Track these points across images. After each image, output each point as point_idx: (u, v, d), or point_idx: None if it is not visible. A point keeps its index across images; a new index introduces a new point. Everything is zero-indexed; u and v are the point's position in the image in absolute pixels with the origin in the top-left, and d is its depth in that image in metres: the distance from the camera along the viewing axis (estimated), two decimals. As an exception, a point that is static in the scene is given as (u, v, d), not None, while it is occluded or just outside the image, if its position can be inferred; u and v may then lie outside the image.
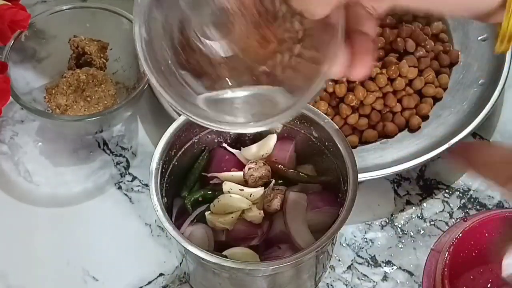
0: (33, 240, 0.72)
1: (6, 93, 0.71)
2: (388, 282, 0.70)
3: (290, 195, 0.63)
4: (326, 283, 0.69)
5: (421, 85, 0.78)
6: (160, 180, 0.61)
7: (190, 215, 0.64)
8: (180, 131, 0.64)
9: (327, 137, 0.64)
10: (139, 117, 0.80)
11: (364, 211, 0.73)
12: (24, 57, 0.78)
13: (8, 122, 0.80)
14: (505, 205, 0.74)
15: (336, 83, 0.77)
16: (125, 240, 0.72)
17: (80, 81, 0.77)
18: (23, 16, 0.73)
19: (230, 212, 0.63)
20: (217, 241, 0.64)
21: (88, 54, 0.78)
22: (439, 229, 0.72)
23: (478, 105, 0.75)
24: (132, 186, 0.76)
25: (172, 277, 0.70)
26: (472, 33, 0.81)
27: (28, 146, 0.78)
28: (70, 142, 0.78)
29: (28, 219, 0.74)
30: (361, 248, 0.71)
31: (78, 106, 0.76)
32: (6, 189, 0.76)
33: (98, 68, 0.78)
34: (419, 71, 0.78)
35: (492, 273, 0.66)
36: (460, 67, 0.80)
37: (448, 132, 0.74)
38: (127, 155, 0.78)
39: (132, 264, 0.71)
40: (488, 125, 0.78)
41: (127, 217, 0.74)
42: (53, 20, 0.78)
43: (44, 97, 0.77)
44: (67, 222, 0.73)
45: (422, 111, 0.77)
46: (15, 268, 0.71)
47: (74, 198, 0.75)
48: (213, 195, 0.64)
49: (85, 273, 0.70)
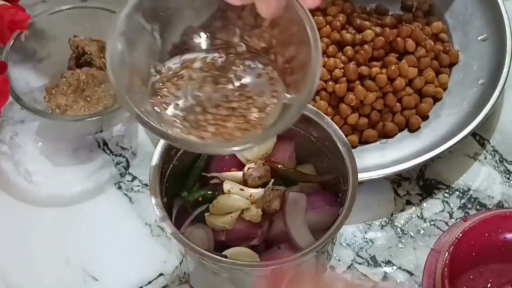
0: (33, 240, 0.72)
1: (5, 93, 0.71)
2: (388, 282, 0.70)
3: (289, 195, 0.63)
4: (326, 283, 0.69)
5: (421, 85, 0.78)
6: (160, 180, 0.61)
7: (190, 215, 0.64)
8: (180, 131, 0.64)
9: (327, 137, 0.64)
10: (139, 117, 0.80)
11: (364, 211, 0.73)
12: (24, 57, 0.77)
13: (8, 122, 0.80)
14: (505, 205, 0.74)
15: (336, 83, 0.77)
16: (125, 240, 0.72)
17: (80, 81, 0.77)
18: (22, 17, 0.73)
19: (229, 212, 0.63)
20: (217, 241, 0.64)
21: (88, 54, 0.78)
22: (439, 229, 0.72)
23: (478, 105, 0.75)
24: (132, 186, 0.76)
25: (172, 277, 0.70)
26: (472, 33, 0.81)
27: (28, 146, 0.78)
28: (70, 142, 0.78)
29: (28, 219, 0.74)
30: (361, 248, 0.71)
31: (78, 106, 0.76)
32: (6, 189, 0.76)
33: (98, 68, 0.78)
34: (419, 71, 0.78)
35: (492, 273, 0.66)
36: (460, 67, 0.80)
37: (448, 132, 0.74)
38: (127, 155, 0.78)
39: (132, 264, 0.71)
40: (488, 125, 0.79)
41: (127, 217, 0.74)
42: (53, 20, 0.78)
43: (44, 97, 0.77)
44: (67, 222, 0.73)
45: (422, 111, 0.77)
46: (15, 268, 0.71)
47: (74, 198, 0.75)
48: (213, 195, 0.64)
49: (85, 273, 0.70)
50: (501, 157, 0.77)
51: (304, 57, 0.48)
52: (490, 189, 0.75)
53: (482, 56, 0.80)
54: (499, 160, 0.77)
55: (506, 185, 0.75)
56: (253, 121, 0.51)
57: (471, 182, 0.76)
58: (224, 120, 0.51)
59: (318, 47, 0.48)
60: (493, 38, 0.80)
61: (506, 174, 0.76)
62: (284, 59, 0.51)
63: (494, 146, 0.78)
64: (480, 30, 0.81)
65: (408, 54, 0.79)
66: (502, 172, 0.76)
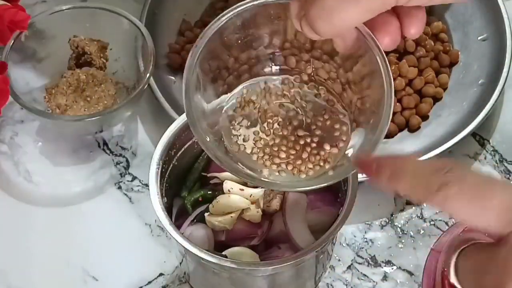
0: (33, 240, 0.72)
1: (5, 93, 0.71)
2: (388, 282, 0.70)
3: (289, 195, 0.63)
4: (326, 283, 0.69)
5: (421, 85, 0.78)
6: (160, 180, 0.61)
7: (190, 215, 0.64)
8: (180, 131, 0.64)
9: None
10: (139, 117, 0.80)
11: (364, 211, 0.73)
12: (24, 57, 0.77)
13: (8, 122, 0.80)
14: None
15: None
16: (125, 240, 0.72)
17: (80, 81, 0.77)
18: (22, 17, 0.73)
19: (229, 212, 0.63)
20: (217, 241, 0.64)
21: (88, 54, 0.78)
22: (439, 229, 0.72)
23: (478, 105, 0.75)
24: (132, 186, 0.76)
25: (172, 277, 0.70)
26: (472, 33, 0.81)
27: (28, 146, 0.78)
28: (70, 142, 0.78)
29: (28, 219, 0.74)
30: (361, 248, 0.71)
31: (78, 106, 0.76)
32: (6, 189, 0.76)
33: (98, 68, 0.78)
34: (419, 71, 0.78)
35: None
36: (460, 67, 0.80)
37: (448, 132, 0.74)
38: (127, 155, 0.78)
39: (132, 264, 0.71)
40: (488, 125, 0.78)
41: (127, 217, 0.74)
42: (53, 20, 0.77)
43: (44, 97, 0.77)
44: (67, 222, 0.73)
45: (422, 111, 0.77)
46: (15, 268, 0.71)
47: (74, 198, 0.75)
48: (213, 195, 0.64)
49: (85, 273, 0.70)
50: (501, 157, 0.77)
51: (376, 97, 0.48)
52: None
53: (482, 56, 0.80)
54: (499, 160, 0.77)
55: (506, 185, 0.75)
56: (324, 155, 0.51)
57: (471, 182, 0.75)
58: (296, 148, 0.51)
59: (391, 90, 0.47)
60: (493, 38, 0.80)
61: (506, 174, 0.76)
62: (355, 98, 0.51)
63: (494, 146, 0.78)
64: (480, 30, 0.81)
65: (408, 54, 0.79)
66: (502, 172, 0.76)
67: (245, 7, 0.49)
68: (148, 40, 0.75)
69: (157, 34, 0.79)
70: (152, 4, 0.81)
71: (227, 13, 0.49)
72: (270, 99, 0.53)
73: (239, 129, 0.52)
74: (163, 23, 0.82)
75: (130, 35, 0.77)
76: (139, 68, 0.76)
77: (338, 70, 0.51)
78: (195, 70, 0.49)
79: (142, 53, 0.76)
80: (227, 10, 0.49)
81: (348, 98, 0.51)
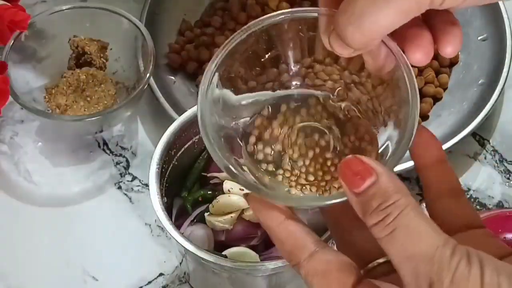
0: (33, 240, 0.72)
1: (5, 93, 0.71)
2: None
3: (290, 195, 0.63)
4: (326, 283, 0.69)
5: (421, 85, 0.78)
6: (160, 180, 0.61)
7: (190, 215, 0.64)
8: (180, 131, 0.64)
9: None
10: (139, 117, 0.80)
11: (364, 211, 0.73)
12: (24, 57, 0.77)
13: (8, 122, 0.80)
14: (505, 205, 0.74)
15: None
16: (125, 240, 0.72)
17: (80, 81, 0.77)
18: (22, 17, 0.73)
19: (229, 212, 0.63)
20: (217, 241, 0.64)
21: (88, 54, 0.78)
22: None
23: (478, 105, 0.75)
24: (132, 186, 0.76)
25: (172, 277, 0.70)
26: (472, 33, 0.81)
27: (28, 146, 0.78)
28: (70, 142, 0.78)
29: (28, 219, 0.74)
30: (361, 248, 0.71)
31: (78, 106, 0.76)
32: (6, 189, 0.76)
33: (98, 68, 0.78)
34: (419, 71, 0.78)
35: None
36: (460, 67, 0.80)
37: (448, 132, 0.74)
38: (127, 155, 0.78)
39: (132, 264, 0.71)
40: (488, 125, 0.78)
41: (127, 217, 0.74)
42: (53, 20, 0.77)
43: (44, 97, 0.77)
44: (67, 222, 0.73)
45: (422, 111, 0.77)
46: (15, 268, 0.71)
47: (74, 198, 0.75)
48: (213, 195, 0.64)
49: (85, 273, 0.70)
50: (501, 157, 0.77)
51: (401, 115, 0.47)
52: (490, 189, 0.75)
53: (482, 56, 0.80)
54: (499, 160, 0.77)
55: (506, 185, 0.75)
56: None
57: (471, 182, 0.75)
58: (324, 170, 0.50)
59: (416, 110, 0.45)
60: (493, 38, 0.80)
61: (506, 174, 0.76)
62: (380, 113, 0.50)
63: (494, 146, 0.78)
64: (480, 30, 0.81)
65: (408, 54, 0.79)
66: (502, 172, 0.76)
67: (271, 21, 0.48)
68: (148, 40, 0.75)
69: (157, 34, 0.79)
70: (152, 4, 0.81)
71: (247, 30, 0.48)
72: (295, 120, 0.52)
73: (263, 149, 0.51)
74: (163, 23, 0.82)
75: (130, 35, 0.77)
76: (139, 68, 0.76)
77: (366, 89, 0.51)
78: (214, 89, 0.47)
79: (142, 53, 0.76)
80: (247, 26, 0.47)
81: (375, 118, 0.51)
